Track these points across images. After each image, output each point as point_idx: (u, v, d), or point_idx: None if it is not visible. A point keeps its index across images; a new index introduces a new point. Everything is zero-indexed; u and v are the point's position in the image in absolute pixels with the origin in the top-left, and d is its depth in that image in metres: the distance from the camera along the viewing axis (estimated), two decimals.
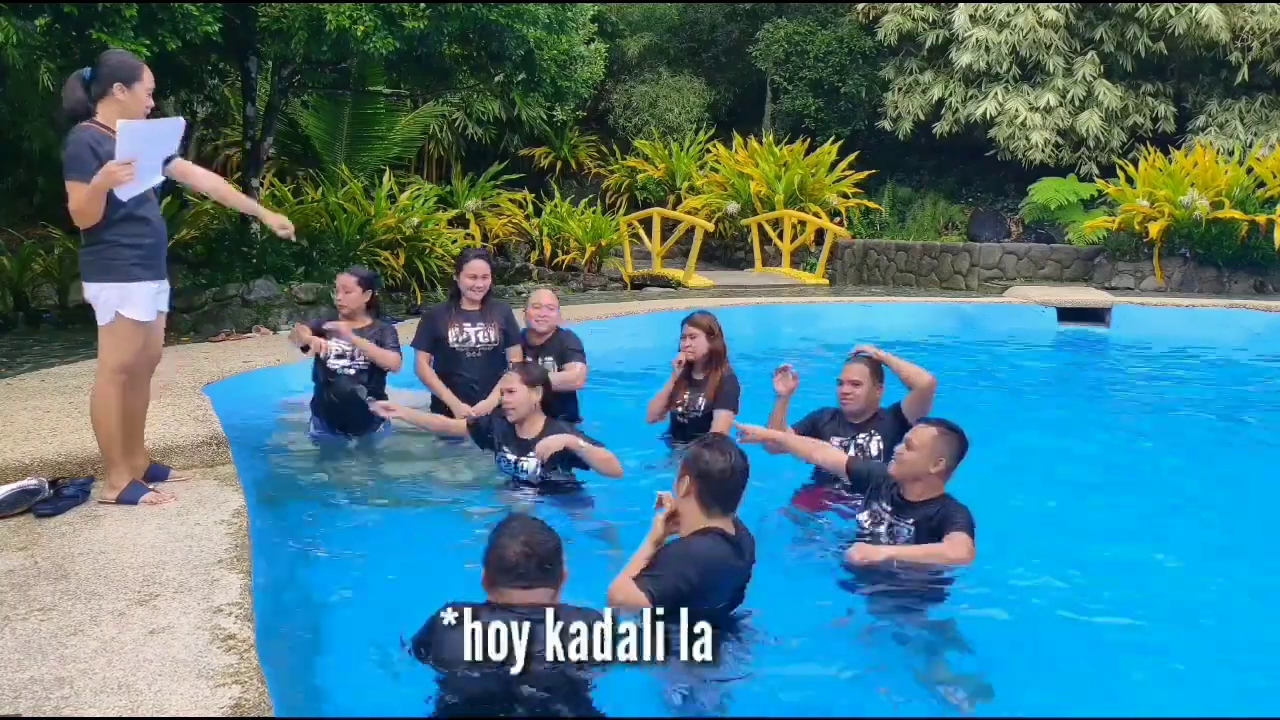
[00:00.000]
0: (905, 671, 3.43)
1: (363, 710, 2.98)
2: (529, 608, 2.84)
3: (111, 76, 3.90)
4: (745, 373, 5.75)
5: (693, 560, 3.23)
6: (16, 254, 9.89)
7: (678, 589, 3.13)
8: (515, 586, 2.87)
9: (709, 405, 5.44)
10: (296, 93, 11.96)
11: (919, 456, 3.91)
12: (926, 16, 16.93)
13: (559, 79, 9.86)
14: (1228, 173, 12.71)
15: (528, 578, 2.87)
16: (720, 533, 3.30)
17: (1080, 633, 3.70)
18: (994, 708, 3.12)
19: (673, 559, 3.25)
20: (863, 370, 4.81)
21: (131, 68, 3.96)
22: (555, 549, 2.94)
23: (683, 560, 3.23)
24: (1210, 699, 3.25)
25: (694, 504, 3.31)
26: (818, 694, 3.25)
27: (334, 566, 4.14)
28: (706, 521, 3.31)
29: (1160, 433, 6.90)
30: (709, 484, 3.29)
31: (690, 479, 3.30)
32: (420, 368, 5.81)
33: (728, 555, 3.29)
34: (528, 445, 4.83)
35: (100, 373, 3.98)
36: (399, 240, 11.69)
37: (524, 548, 2.88)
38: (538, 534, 2.94)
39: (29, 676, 2.59)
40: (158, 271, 4.03)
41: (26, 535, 3.68)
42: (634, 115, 19.42)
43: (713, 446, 3.36)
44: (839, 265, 15.14)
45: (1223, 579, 4.23)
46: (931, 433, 3.94)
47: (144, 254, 3.95)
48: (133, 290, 3.92)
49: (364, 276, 5.90)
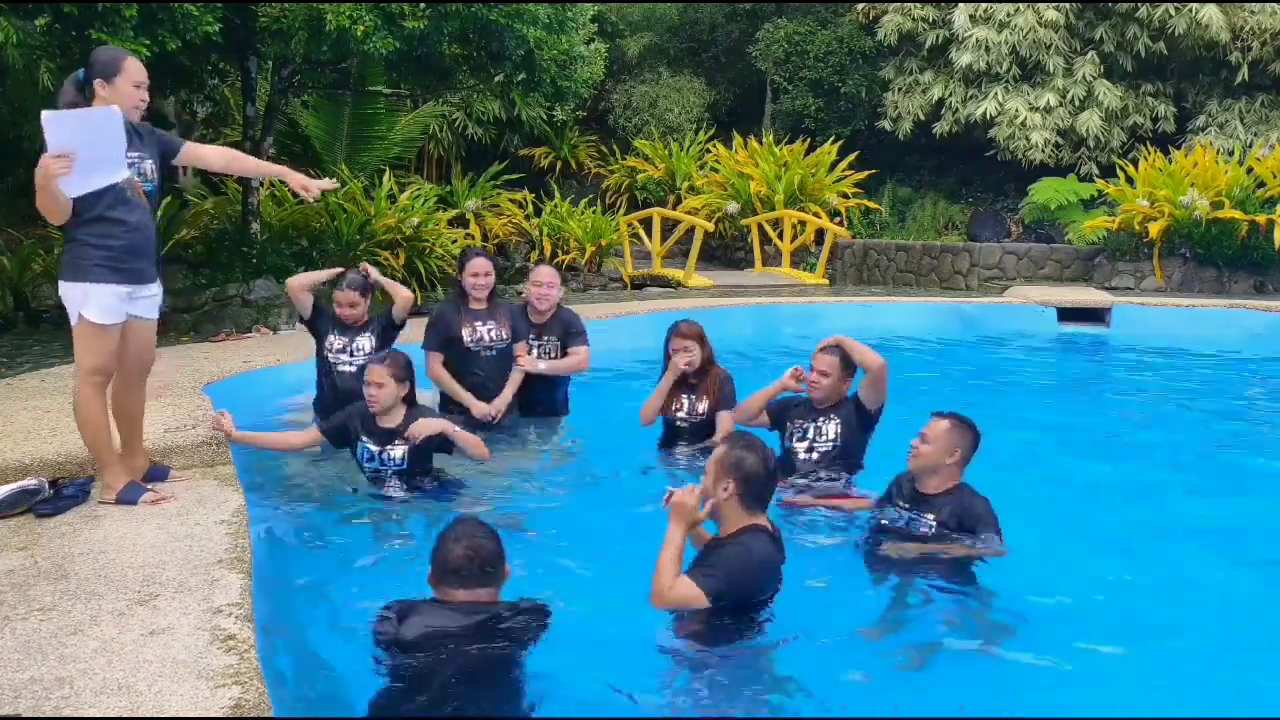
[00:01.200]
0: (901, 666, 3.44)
1: (363, 710, 2.97)
2: (470, 605, 3.05)
3: (93, 72, 3.88)
4: (746, 373, 5.76)
5: (749, 561, 3.32)
6: (16, 254, 9.89)
7: (735, 590, 3.27)
8: (458, 587, 3.07)
9: (711, 408, 5.45)
10: (296, 93, 11.96)
11: (934, 449, 3.99)
12: (926, 16, 16.93)
13: (559, 79, 9.86)
14: (1228, 173, 12.70)
15: (470, 579, 3.06)
16: (764, 530, 3.40)
17: (1080, 632, 3.70)
18: (994, 708, 3.12)
19: (727, 558, 3.31)
20: (833, 363, 4.91)
21: (109, 62, 3.90)
22: (496, 552, 3.13)
23: (738, 559, 3.31)
24: (1210, 699, 3.25)
25: (736, 505, 3.38)
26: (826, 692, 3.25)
27: (334, 566, 4.14)
28: (750, 519, 3.39)
29: (1160, 432, 6.90)
30: (751, 485, 3.37)
31: (734, 481, 3.36)
32: (433, 369, 5.79)
33: (773, 551, 3.41)
34: (392, 434, 4.87)
35: (78, 374, 3.95)
36: (399, 240, 11.69)
37: (467, 551, 3.06)
38: (480, 538, 3.11)
39: (29, 676, 2.59)
40: (129, 275, 3.91)
41: (26, 535, 3.68)
42: (634, 115, 19.43)
43: (750, 448, 3.42)
44: (839, 265, 15.14)
45: (1223, 579, 4.24)
46: (945, 425, 4.01)
47: (111, 256, 3.84)
48: (92, 291, 3.83)
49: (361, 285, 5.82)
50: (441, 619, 3.02)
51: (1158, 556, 4.45)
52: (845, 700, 3.19)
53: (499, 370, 5.78)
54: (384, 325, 5.68)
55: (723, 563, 3.29)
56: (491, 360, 5.78)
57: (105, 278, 3.85)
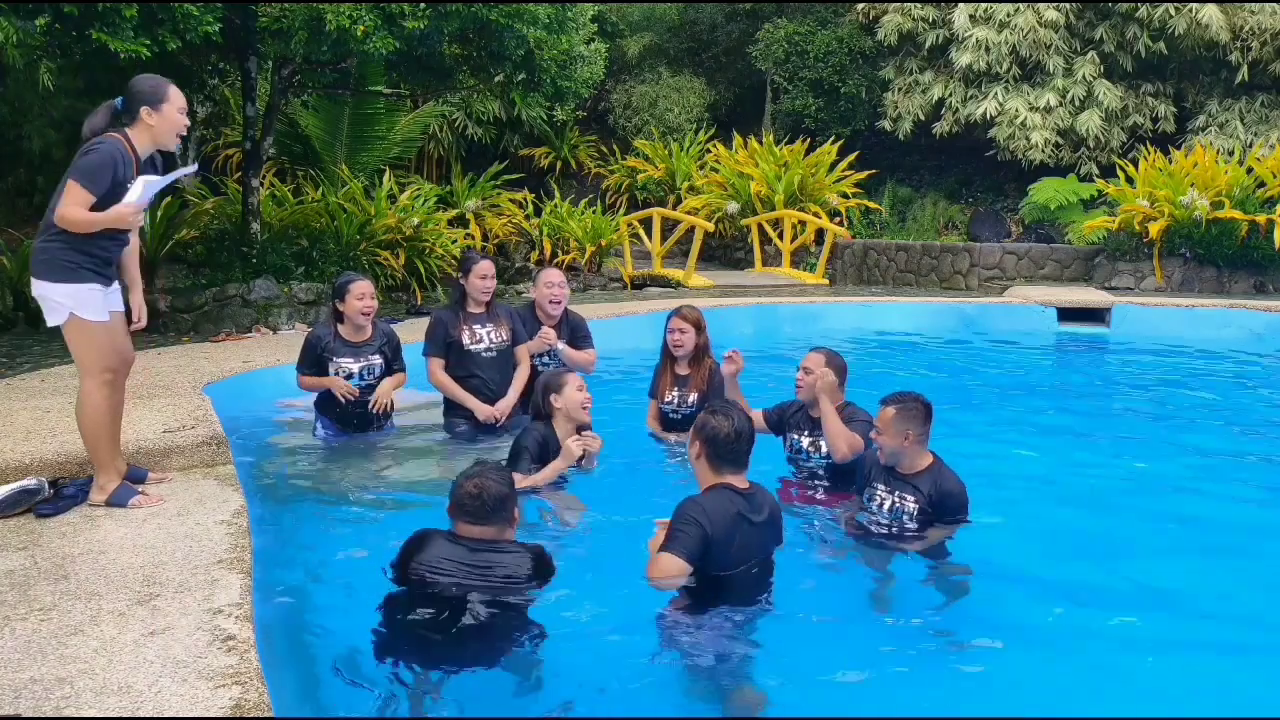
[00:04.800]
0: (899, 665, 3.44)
1: (363, 710, 2.98)
2: (476, 540, 3.36)
3: (138, 100, 3.91)
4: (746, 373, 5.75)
5: (698, 506, 3.49)
6: (16, 254, 9.89)
7: (699, 536, 3.40)
8: (464, 520, 3.39)
9: (701, 399, 5.50)
10: (296, 93, 11.95)
11: (889, 438, 4.20)
12: (926, 16, 16.94)
13: (559, 79, 9.87)
14: (1228, 173, 12.71)
15: (475, 515, 3.37)
16: (728, 486, 3.56)
17: (1079, 631, 3.70)
18: (994, 708, 3.12)
19: (680, 514, 3.48)
20: (818, 360, 4.83)
21: (153, 90, 3.94)
22: (502, 495, 3.40)
23: (689, 508, 3.48)
24: (1210, 698, 3.25)
25: (705, 465, 3.60)
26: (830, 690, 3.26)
27: (334, 566, 4.13)
28: (716, 479, 3.58)
29: (1160, 432, 6.90)
30: (715, 446, 3.56)
31: (699, 443, 3.59)
32: (435, 374, 5.81)
33: (737, 506, 3.52)
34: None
35: (86, 377, 3.95)
36: (399, 240, 11.70)
37: (474, 489, 3.38)
38: (489, 479, 3.41)
39: (29, 676, 2.59)
40: (108, 279, 3.98)
41: (26, 535, 3.68)
42: (634, 115, 19.43)
43: (717, 413, 3.63)
44: (839, 265, 15.14)
45: (1223, 577, 4.24)
46: (890, 413, 4.20)
47: (100, 262, 3.91)
48: (84, 292, 3.87)
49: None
50: (447, 548, 3.34)
51: (1158, 556, 4.45)
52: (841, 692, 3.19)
53: (499, 372, 5.82)
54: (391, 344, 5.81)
55: (679, 520, 3.46)
56: (491, 362, 5.81)
57: (91, 279, 3.90)
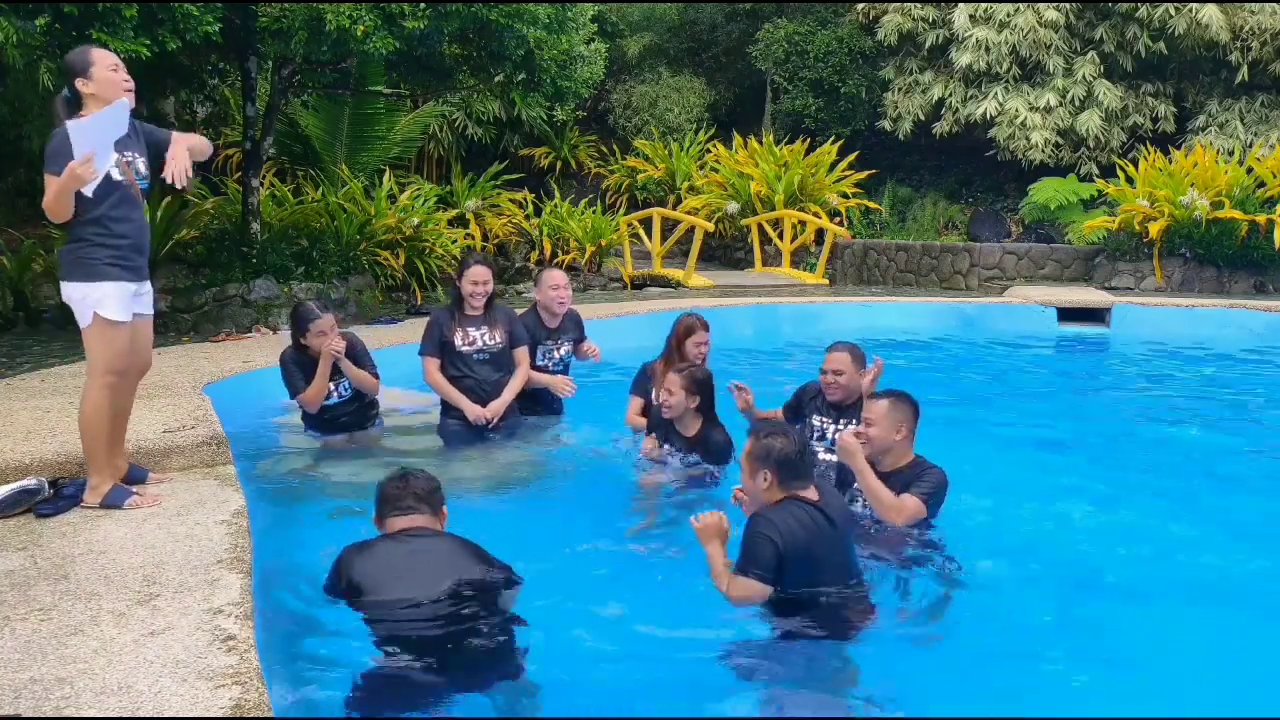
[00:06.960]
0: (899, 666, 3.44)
1: (363, 710, 2.97)
2: (413, 531, 3.36)
3: (71, 76, 3.89)
4: (746, 373, 5.76)
5: (767, 523, 3.41)
6: (16, 254, 9.89)
7: (773, 555, 3.34)
8: (394, 514, 3.41)
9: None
10: (296, 93, 11.95)
11: (880, 430, 4.13)
12: (926, 16, 16.93)
13: (559, 79, 9.86)
14: (1228, 173, 12.71)
15: (403, 504, 3.41)
16: (796, 499, 3.49)
17: (1079, 630, 3.71)
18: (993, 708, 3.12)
19: (750, 534, 3.43)
20: (844, 359, 4.86)
21: (80, 58, 3.90)
22: (429, 486, 3.48)
23: (759, 526, 3.42)
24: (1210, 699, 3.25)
25: (777, 490, 3.51)
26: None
27: None
28: (783, 494, 3.51)
29: (1160, 432, 6.90)
30: (787, 468, 3.50)
31: (769, 471, 3.50)
32: (430, 374, 5.85)
33: (809, 516, 3.45)
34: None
35: (92, 377, 3.95)
36: (399, 240, 11.70)
37: (401, 481, 3.46)
38: (413, 474, 3.50)
39: (29, 676, 2.59)
40: (135, 273, 3.95)
41: (26, 535, 3.68)
42: (634, 115, 19.42)
43: (772, 434, 3.56)
44: (839, 265, 15.14)
45: (1223, 577, 4.24)
46: (884, 405, 4.16)
47: (119, 254, 3.88)
48: (107, 290, 3.85)
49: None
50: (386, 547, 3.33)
51: (1156, 556, 4.46)
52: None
53: (492, 374, 5.85)
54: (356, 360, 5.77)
55: (749, 540, 3.40)
56: (484, 364, 5.85)
57: (116, 276, 3.87)
